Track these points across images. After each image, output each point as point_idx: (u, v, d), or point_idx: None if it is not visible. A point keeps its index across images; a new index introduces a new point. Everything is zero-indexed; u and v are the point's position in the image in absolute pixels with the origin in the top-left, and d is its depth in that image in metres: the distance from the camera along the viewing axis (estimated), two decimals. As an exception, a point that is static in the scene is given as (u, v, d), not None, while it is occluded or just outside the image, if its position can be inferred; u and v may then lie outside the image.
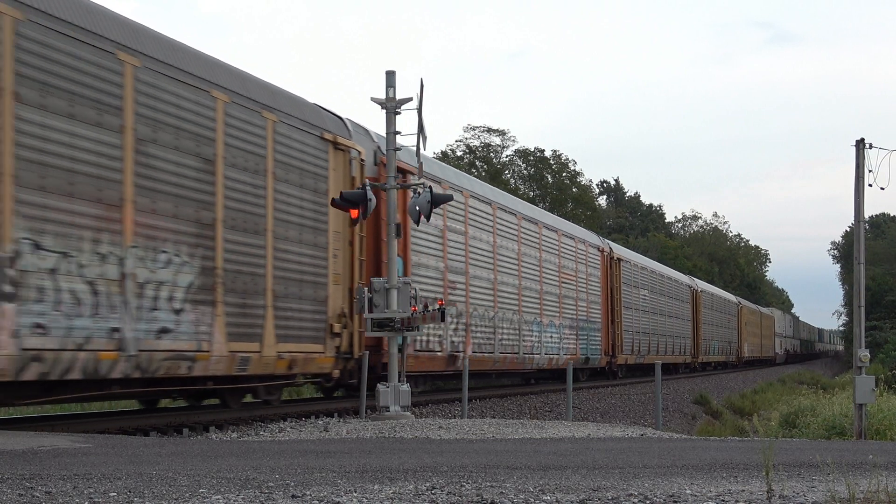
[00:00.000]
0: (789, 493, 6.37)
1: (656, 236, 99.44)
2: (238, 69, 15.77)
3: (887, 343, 65.15)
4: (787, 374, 70.85)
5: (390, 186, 16.80)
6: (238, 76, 15.47)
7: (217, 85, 14.57)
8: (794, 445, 11.51)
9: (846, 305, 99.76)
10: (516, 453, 9.53)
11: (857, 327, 24.99)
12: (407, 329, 16.42)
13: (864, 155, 24.63)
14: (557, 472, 7.68)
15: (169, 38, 14.17)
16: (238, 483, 6.68)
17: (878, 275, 76.25)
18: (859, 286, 24.99)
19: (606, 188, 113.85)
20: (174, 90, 13.64)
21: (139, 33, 13.35)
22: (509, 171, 73.74)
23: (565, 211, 70.32)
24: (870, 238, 71.65)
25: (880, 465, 7.21)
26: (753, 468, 8.03)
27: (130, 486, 6.46)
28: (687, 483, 7.01)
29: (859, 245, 25.21)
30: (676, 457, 9.28)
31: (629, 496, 6.19)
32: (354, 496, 6.10)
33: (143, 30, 13.60)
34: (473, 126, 75.33)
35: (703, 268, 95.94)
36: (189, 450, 9.43)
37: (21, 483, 6.50)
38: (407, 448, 10.15)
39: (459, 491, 6.34)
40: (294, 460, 8.47)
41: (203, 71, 14.42)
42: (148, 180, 13.06)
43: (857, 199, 25.03)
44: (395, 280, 16.45)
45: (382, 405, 16.15)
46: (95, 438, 10.72)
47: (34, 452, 8.72)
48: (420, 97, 16.46)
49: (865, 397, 22.52)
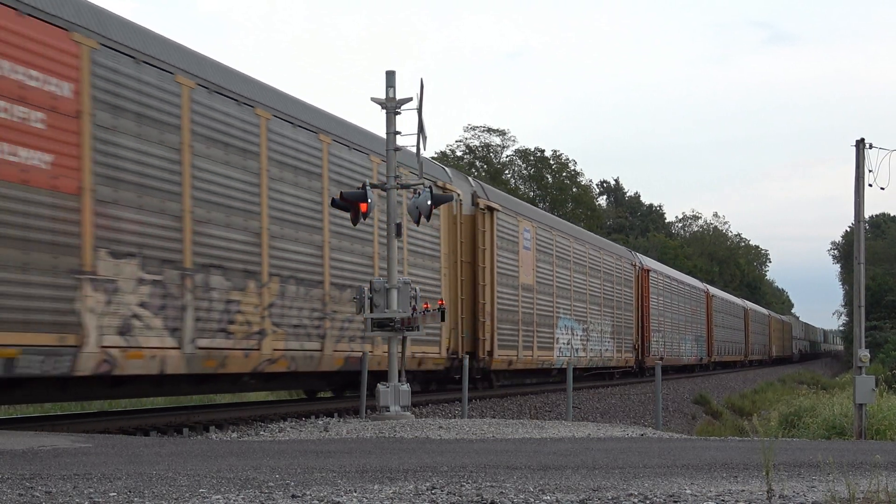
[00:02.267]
0: (789, 493, 6.37)
1: (656, 236, 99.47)
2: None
3: (887, 343, 65.15)
4: (787, 374, 70.89)
5: (390, 186, 16.81)
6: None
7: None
8: (794, 445, 11.51)
9: (846, 305, 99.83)
10: (516, 453, 9.53)
11: (857, 327, 25.00)
12: (407, 329, 16.42)
13: (864, 155, 24.64)
14: (557, 472, 7.68)
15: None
16: (238, 483, 6.68)
17: (878, 275, 76.28)
18: (859, 286, 25.00)
19: (606, 188, 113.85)
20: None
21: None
22: (509, 171, 73.76)
23: (565, 211, 70.34)
24: (870, 238, 71.63)
25: (880, 465, 7.20)
26: (753, 468, 8.03)
27: (130, 485, 6.45)
28: (687, 483, 7.01)
29: (859, 245, 25.22)
30: (676, 457, 9.27)
31: (629, 496, 6.19)
32: (354, 496, 6.10)
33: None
34: (473, 126, 75.41)
35: (704, 268, 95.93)
36: (189, 450, 9.43)
37: (21, 483, 6.50)
38: (407, 448, 10.15)
39: (459, 491, 6.34)
40: (294, 460, 8.47)
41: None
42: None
43: (857, 199, 25.03)
44: (395, 280, 16.45)
45: (382, 405, 16.15)
46: (95, 438, 10.72)
47: (34, 452, 8.72)
48: (420, 97, 16.48)
49: (865, 397, 22.52)
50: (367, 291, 16.38)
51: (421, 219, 16.70)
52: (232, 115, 15.02)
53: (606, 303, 37.48)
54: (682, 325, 50.67)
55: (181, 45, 14.53)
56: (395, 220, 16.75)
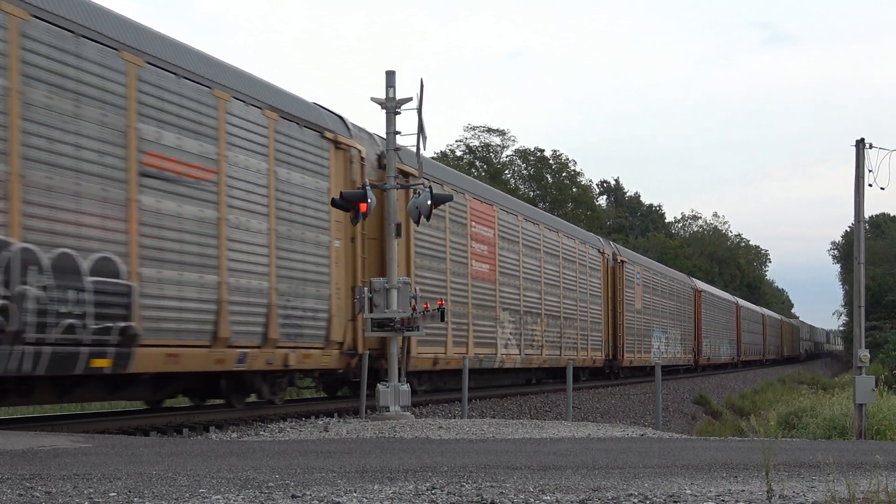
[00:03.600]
0: (789, 493, 6.37)
1: (656, 236, 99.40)
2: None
3: (887, 343, 65.11)
4: (787, 374, 70.92)
5: (390, 186, 16.81)
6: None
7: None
8: (794, 445, 11.51)
9: (846, 305, 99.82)
10: (516, 453, 9.53)
11: (857, 327, 24.98)
12: (407, 329, 16.42)
13: (864, 155, 24.62)
14: (557, 472, 7.67)
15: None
16: (238, 483, 6.68)
17: (878, 275, 76.23)
18: (859, 286, 24.99)
19: (606, 188, 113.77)
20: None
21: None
22: (509, 171, 73.72)
23: (565, 211, 70.32)
24: (870, 238, 71.57)
25: (880, 465, 7.20)
26: (753, 468, 8.03)
27: (130, 486, 6.45)
28: (687, 483, 7.01)
29: (859, 245, 25.21)
30: (676, 457, 9.27)
31: (629, 496, 6.19)
32: (354, 496, 6.10)
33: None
34: (473, 126, 75.33)
35: (704, 268, 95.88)
36: (189, 450, 9.43)
37: (21, 483, 6.50)
38: (407, 448, 10.15)
39: (459, 491, 6.34)
40: (294, 460, 8.46)
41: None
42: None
43: (857, 199, 25.02)
44: (395, 280, 16.46)
45: (382, 405, 16.15)
46: (95, 438, 10.71)
47: (34, 452, 8.72)
48: (420, 97, 16.46)
49: (865, 397, 22.51)
50: (367, 291, 16.41)
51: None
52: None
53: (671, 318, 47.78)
54: (722, 332, 64.96)
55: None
56: (395, 221, 16.79)
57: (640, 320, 41.49)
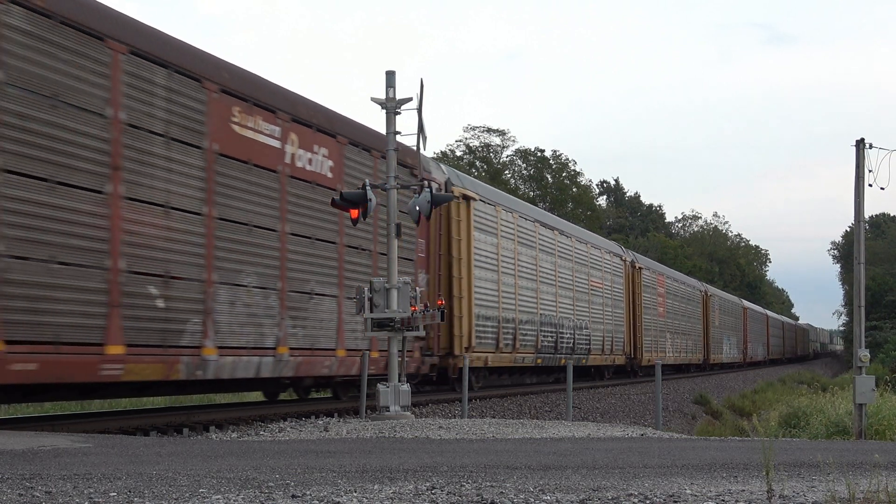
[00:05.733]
0: (789, 492, 6.37)
1: (656, 236, 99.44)
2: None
3: (887, 343, 65.17)
4: (787, 374, 70.94)
5: (390, 186, 16.81)
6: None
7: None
8: (794, 445, 11.51)
9: (846, 305, 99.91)
10: (516, 453, 9.52)
11: (857, 327, 25.00)
12: (407, 329, 16.42)
13: (864, 155, 24.65)
14: (557, 471, 7.67)
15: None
16: (238, 483, 6.68)
17: (878, 275, 76.30)
18: (859, 286, 24.99)
19: (606, 188, 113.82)
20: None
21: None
22: (509, 171, 73.75)
23: (565, 211, 70.32)
24: (870, 238, 71.63)
25: (880, 465, 7.20)
26: (753, 468, 8.02)
27: (130, 486, 6.45)
28: (687, 483, 7.01)
29: (859, 245, 25.21)
30: (676, 457, 9.27)
31: (629, 496, 6.18)
32: (354, 496, 6.10)
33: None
34: (473, 126, 75.42)
35: (704, 268, 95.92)
36: (189, 450, 9.43)
37: (21, 483, 6.50)
38: (407, 448, 10.15)
39: (459, 491, 6.34)
40: (294, 460, 8.46)
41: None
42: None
43: (857, 199, 25.03)
44: (395, 280, 16.45)
45: (382, 405, 16.15)
46: (95, 438, 10.71)
47: (34, 452, 8.72)
48: (420, 97, 16.46)
49: (865, 397, 22.52)
50: (367, 291, 16.40)
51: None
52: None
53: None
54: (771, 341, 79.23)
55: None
56: (395, 221, 16.78)
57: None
